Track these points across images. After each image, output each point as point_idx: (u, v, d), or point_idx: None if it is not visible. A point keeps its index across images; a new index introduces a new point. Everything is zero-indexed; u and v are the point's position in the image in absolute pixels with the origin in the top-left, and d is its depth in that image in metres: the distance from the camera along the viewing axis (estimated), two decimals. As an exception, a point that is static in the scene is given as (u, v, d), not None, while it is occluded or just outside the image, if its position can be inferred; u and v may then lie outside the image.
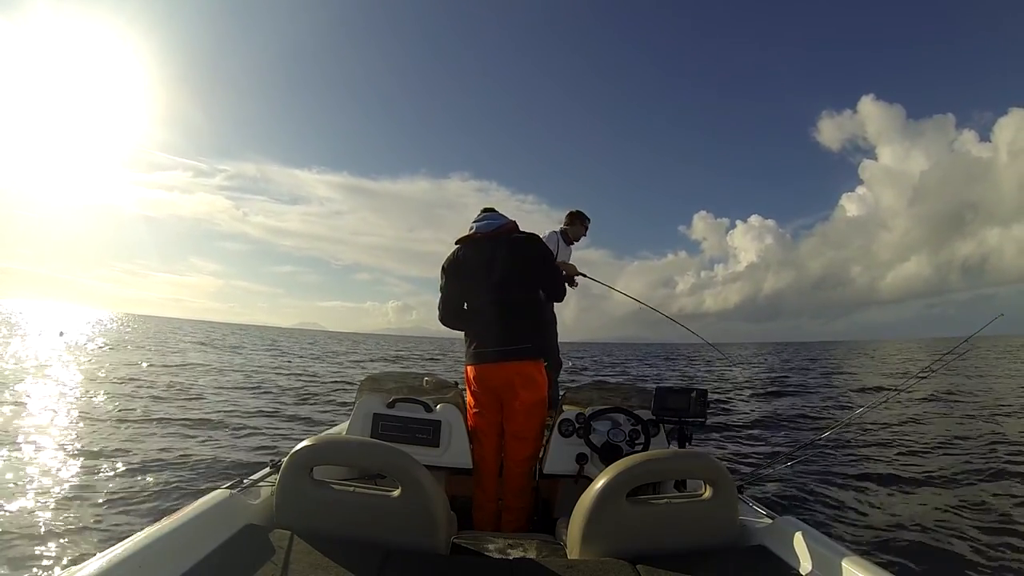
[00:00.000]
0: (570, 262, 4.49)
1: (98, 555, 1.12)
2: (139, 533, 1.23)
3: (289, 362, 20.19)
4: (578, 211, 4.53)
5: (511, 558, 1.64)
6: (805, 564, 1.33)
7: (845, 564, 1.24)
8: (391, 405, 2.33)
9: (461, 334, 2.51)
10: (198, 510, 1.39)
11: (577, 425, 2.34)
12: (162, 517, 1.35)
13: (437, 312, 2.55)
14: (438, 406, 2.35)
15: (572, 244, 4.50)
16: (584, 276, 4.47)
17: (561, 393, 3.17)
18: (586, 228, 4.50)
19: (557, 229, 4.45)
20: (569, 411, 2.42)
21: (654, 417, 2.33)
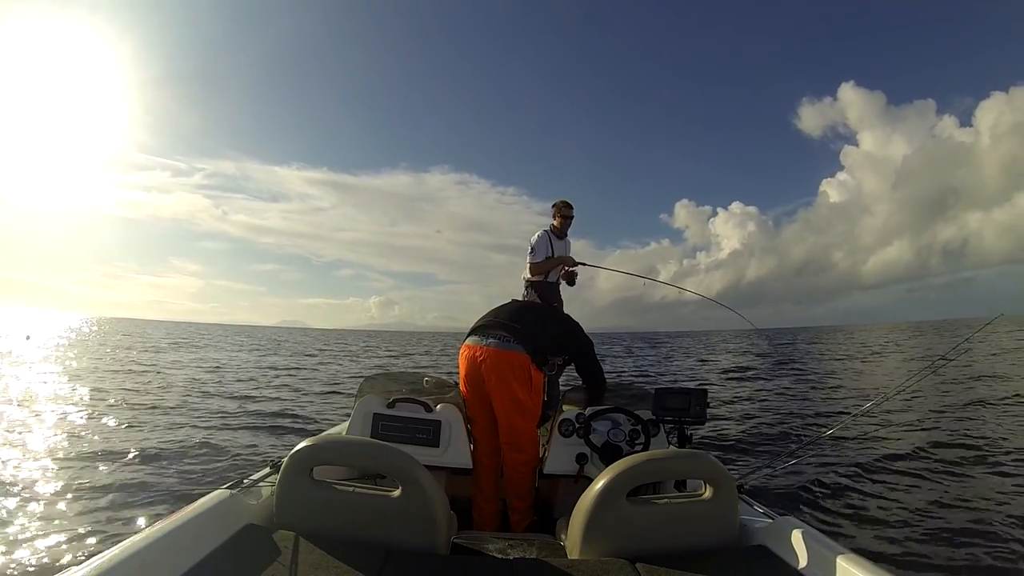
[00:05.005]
0: (568, 255, 4.37)
1: (98, 555, 1.12)
2: (139, 533, 1.23)
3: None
4: (555, 203, 4.35)
5: (511, 558, 1.64)
6: (805, 564, 1.34)
7: (845, 564, 1.24)
8: (391, 405, 2.33)
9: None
10: (198, 510, 1.39)
11: (577, 425, 2.34)
12: (162, 517, 1.35)
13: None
14: (438, 406, 2.35)
15: (564, 236, 4.32)
16: (584, 264, 4.35)
17: (561, 393, 3.17)
18: (563, 217, 4.27)
19: (547, 227, 4.30)
20: (569, 411, 2.42)
21: (654, 417, 2.33)
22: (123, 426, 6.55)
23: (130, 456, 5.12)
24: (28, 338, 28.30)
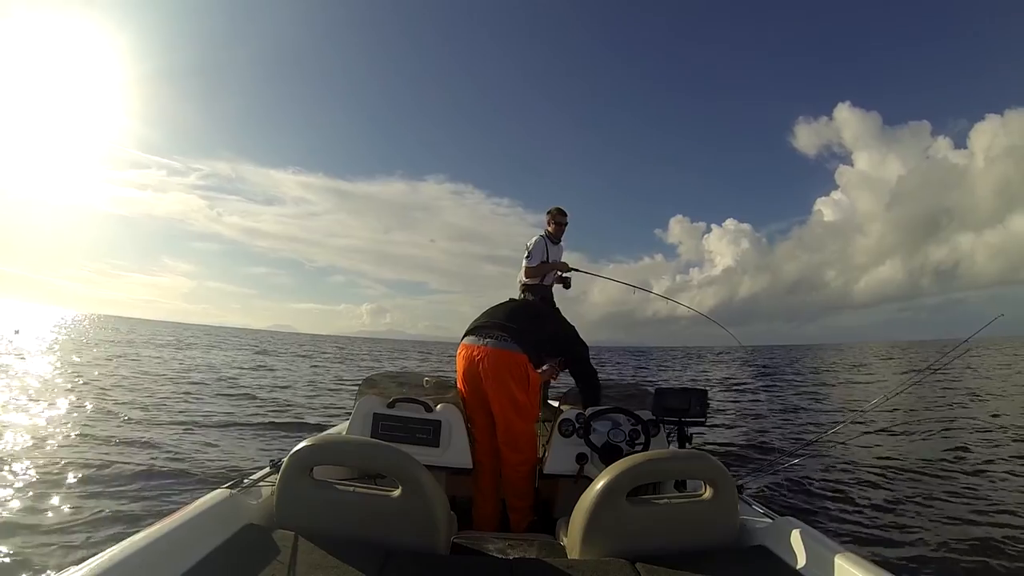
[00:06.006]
0: (562, 260, 4.51)
1: (98, 555, 1.12)
2: (139, 533, 1.23)
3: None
4: (549, 209, 4.50)
5: (511, 558, 1.64)
6: (806, 564, 1.33)
7: (845, 564, 1.24)
8: (391, 405, 2.33)
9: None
10: (198, 510, 1.39)
11: (577, 425, 2.34)
12: (162, 517, 1.35)
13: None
14: (438, 406, 2.35)
15: (558, 241, 4.49)
16: (576, 271, 4.51)
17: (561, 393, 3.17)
18: (558, 224, 4.43)
19: (542, 232, 4.46)
20: (569, 411, 2.42)
21: (654, 417, 2.33)
22: (116, 425, 6.53)
23: (125, 455, 5.11)
24: (17, 332, 27.40)
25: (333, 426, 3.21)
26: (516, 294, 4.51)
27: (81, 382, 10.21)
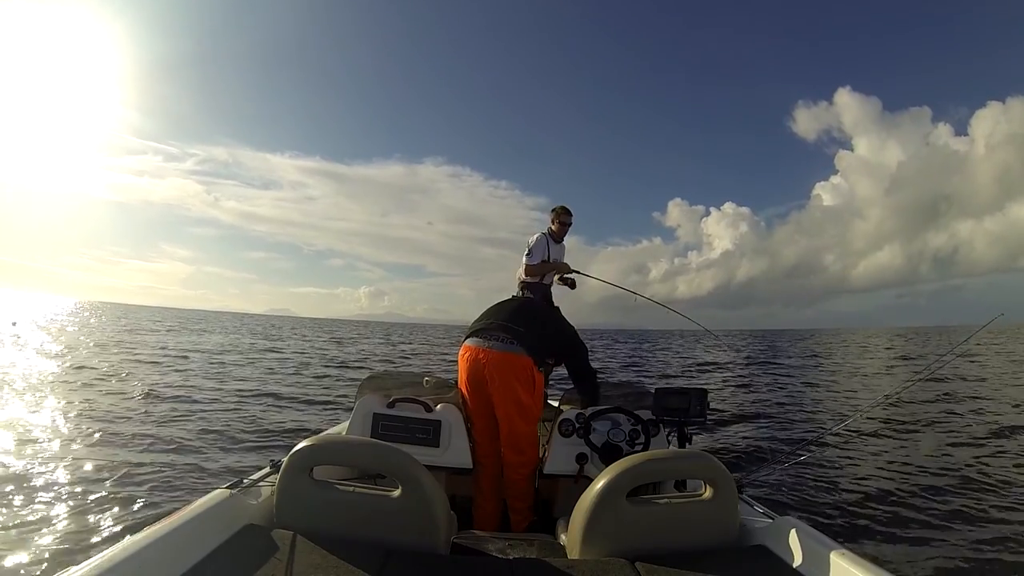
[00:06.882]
0: (564, 260, 4.43)
1: (98, 555, 1.12)
2: (139, 533, 1.23)
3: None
4: (554, 207, 4.39)
5: (511, 558, 1.64)
6: (805, 564, 1.34)
7: (845, 563, 1.24)
8: (391, 405, 2.33)
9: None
10: (198, 510, 1.39)
11: (577, 425, 2.34)
12: (162, 517, 1.35)
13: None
14: (438, 406, 2.35)
15: (560, 240, 4.36)
16: (578, 273, 4.43)
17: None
18: (562, 223, 4.30)
19: (545, 230, 4.32)
20: (569, 411, 2.42)
21: (654, 417, 2.33)
22: (117, 422, 6.52)
23: (126, 453, 5.11)
24: (14, 324, 26.63)
25: (333, 426, 3.21)
26: (515, 289, 4.43)
27: (85, 376, 10.19)
